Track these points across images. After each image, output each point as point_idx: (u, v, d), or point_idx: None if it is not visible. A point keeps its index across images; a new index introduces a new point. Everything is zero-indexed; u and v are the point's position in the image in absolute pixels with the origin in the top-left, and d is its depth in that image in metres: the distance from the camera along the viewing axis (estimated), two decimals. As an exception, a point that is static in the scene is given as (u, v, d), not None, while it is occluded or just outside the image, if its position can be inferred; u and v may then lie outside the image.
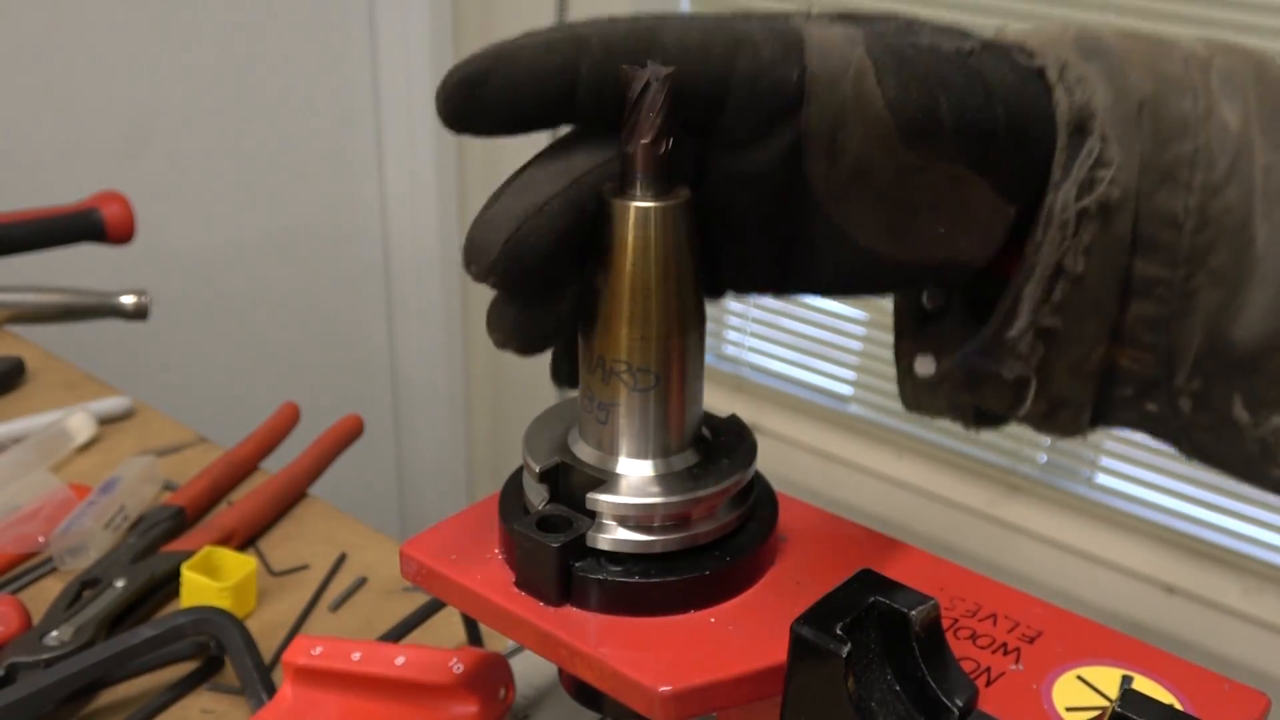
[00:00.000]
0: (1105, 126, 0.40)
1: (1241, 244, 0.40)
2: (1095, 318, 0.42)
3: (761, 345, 1.68)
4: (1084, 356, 0.42)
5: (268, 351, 1.71)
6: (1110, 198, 0.40)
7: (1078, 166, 0.40)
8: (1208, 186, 0.40)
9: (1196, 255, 0.40)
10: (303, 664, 0.48)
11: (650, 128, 0.35)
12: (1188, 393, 0.43)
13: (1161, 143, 0.40)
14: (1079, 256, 0.40)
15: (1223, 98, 0.41)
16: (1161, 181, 0.40)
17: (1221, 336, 0.41)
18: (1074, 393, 0.44)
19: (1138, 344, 0.42)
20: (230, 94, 1.55)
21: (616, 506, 0.37)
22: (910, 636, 0.31)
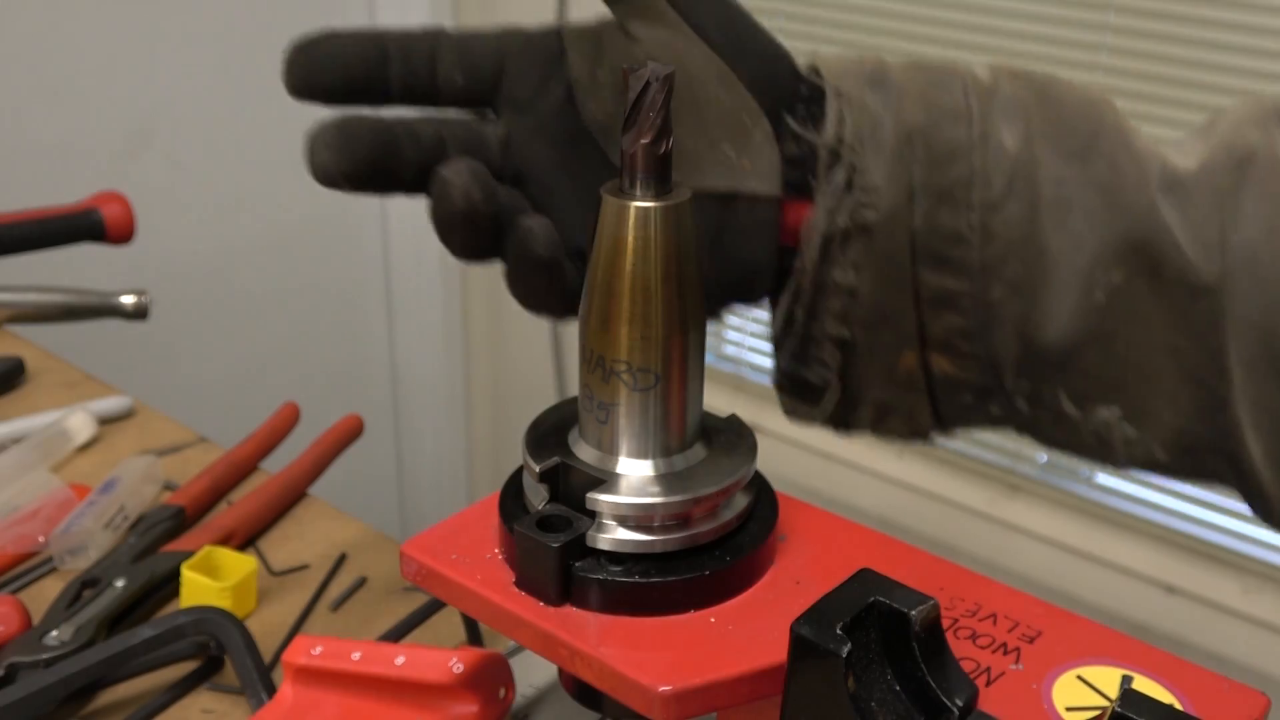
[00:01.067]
0: (861, 155, 0.44)
1: (1031, 254, 0.44)
2: (887, 328, 0.45)
3: (761, 345, 1.68)
4: (890, 364, 0.46)
5: (268, 351, 1.71)
6: (867, 219, 0.44)
7: (829, 192, 0.44)
8: (987, 204, 0.44)
9: (989, 268, 0.44)
10: (303, 664, 0.48)
11: (650, 128, 0.35)
12: (1020, 394, 0.46)
13: (935, 166, 0.44)
14: (848, 270, 0.44)
15: (1001, 122, 0.44)
16: (940, 202, 0.44)
17: (1032, 340, 0.45)
18: (895, 399, 0.47)
19: (956, 352, 0.46)
20: (230, 94, 1.55)
21: (616, 506, 0.37)
22: (910, 636, 0.31)
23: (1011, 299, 0.44)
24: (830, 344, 0.46)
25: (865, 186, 0.44)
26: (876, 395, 0.47)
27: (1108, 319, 0.44)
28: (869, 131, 0.44)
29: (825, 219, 0.44)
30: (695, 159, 0.44)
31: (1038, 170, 0.44)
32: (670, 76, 0.35)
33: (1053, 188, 0.44)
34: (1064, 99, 0.46)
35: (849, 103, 0.44)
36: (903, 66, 0.47)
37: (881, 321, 0.45)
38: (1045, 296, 0.44)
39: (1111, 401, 0.45)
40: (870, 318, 0.45)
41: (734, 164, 0.44)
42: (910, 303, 0.45)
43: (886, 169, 0.44)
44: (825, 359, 0.46)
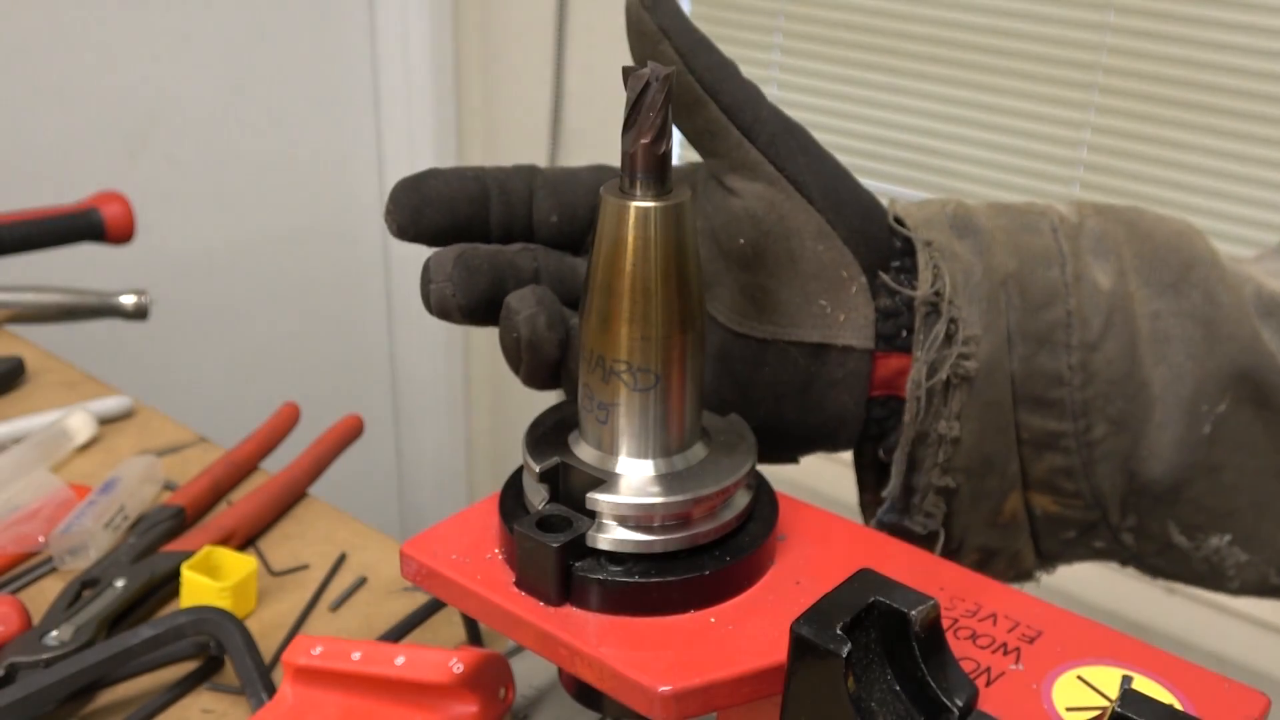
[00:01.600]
0: (958, 306, 0.44)
1: (1132, 390, 0.44)
2: (991, 474, 0.45)
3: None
4: (994, 510, 0.46)
5: (268, 351, 1.71)
6: (968, 370, 0.44)
7: (928, 346, 0.44)
8: (1085, 344, 0.44)
9: (1091, 407, 0.44)
10: (303, 664, 0.48)
11: (650, 128, 0.35)
12: (1125, 528, 0.46)
13: (1032, 311, 0.44)
14: (952, 422, 0.44)
15: (1093, 260, 0.44)
16: (1039, 345, 0.44)
17: (1138, 476, 0.44)
18: (999, 542, 0.47)
19: (1060, 492, 0.46)
20: (230, 94, 1.55)
21: (616, 506, 0.37)
22: (910, 636, 0.31)
23: (1115, 436, 0.44)
24: (934, 494, 0.46)
25: (965, 338, 0.43)
26: (980, 540, 0.47)
27: (1215, 450, 0.44)
28: (962, 281, 0.44)
29: (927, 372, 0.44)
30: (791, 312, 0.44)
31: (1133, 306, 0.44)
32: (670, 76, 0.35)
33: (1150, 322, 0.44)
34: (1153, 232, 0.45)
35: (941, 253, 0.44)
36: (987, 210, 0.47)
37: (985, 468, 0.45)
38: (1149, 432, 0.44)
39: (1222, 530, 0.45)
40: (973, 465, 0.45)
41: (829, 317, 0.44)
42: (1013, 446, 0.45)
43: (983, 317, 0.44)
44: (929, 509, 0.46)
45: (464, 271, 0.43)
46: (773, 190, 0.43)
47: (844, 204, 0.44)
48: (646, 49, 0.43)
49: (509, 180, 0.45)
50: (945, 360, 0.43)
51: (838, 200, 0.44)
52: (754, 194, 0.43)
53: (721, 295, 0.45)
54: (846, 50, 1.51)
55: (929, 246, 0.44)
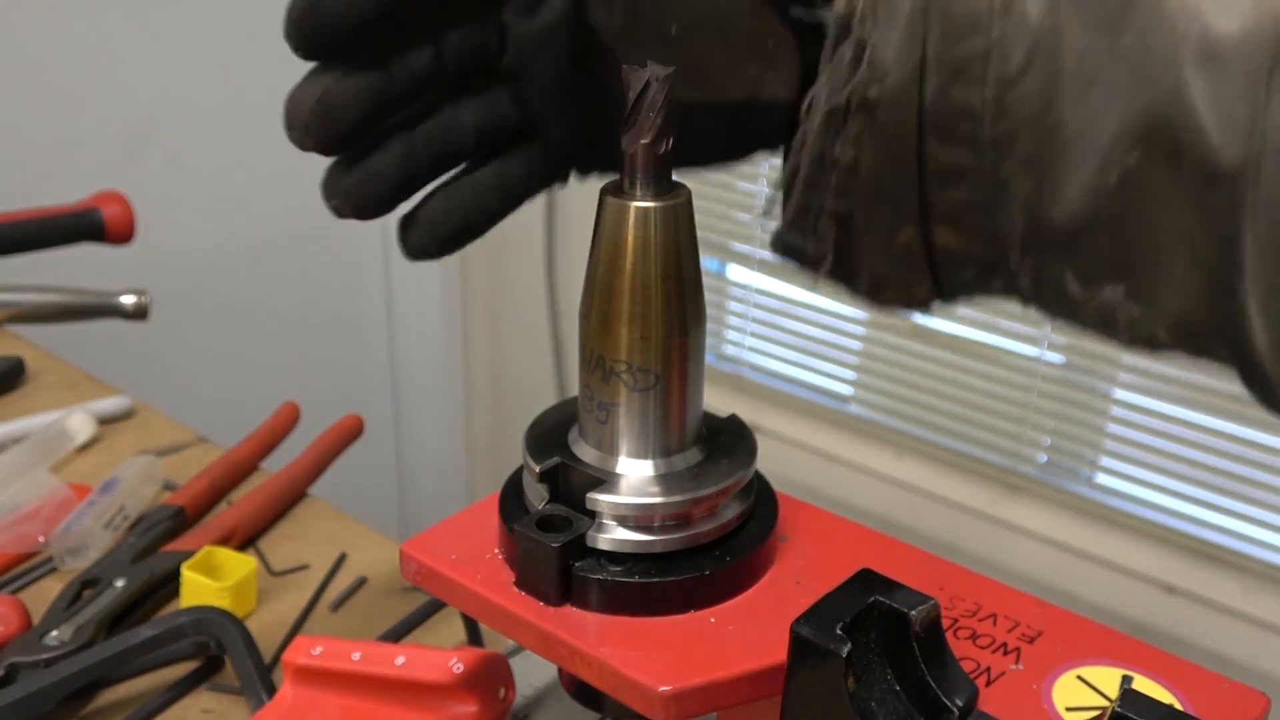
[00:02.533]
0: (871, 29, 0.42)
1: (1045, 130, 0.42)
2: (885, 203, 0.44)
3: (761, 345, 1.68)
4: (888, 238, 0.45)
5: (268, 351, 1.71)
6: (870, 96, 0.42)
7: (835, 69, 0.43)
8: (1002, 79, 0.42)
9: (1001, 143, 0.43)
10: (303, 664, 0.48)
11: (650, 128, 0.35)
12: (1024, 271, 0.45)
13: (951, 40, 0.42)
14: (847, 146, 0.43)
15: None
16: (955, 77, 0.42)
17: (1040, 218, 0.43)
18: (893, 271, 0.47)
19: (961, 226, 0.45)
20: (230, 94, 1.55)
21: (616, 506, 0.37)
22: (910, 636, 0.31)
23: (1022, 175, 0.43)
24: (827, 217, 0.45)
25: (872, 62, 0.42)
26: (873, 267, 0.46)
27: (1120, 200, 0.43)
28: (884, 4, 0.42)
29: (828, 95, 0.43)
30: (719, 80, 0.44)
31: (1061, 41, 0.42)
32: (670, 76, 0.35)
33: (1075, 61, 0.42)
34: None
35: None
36: None
37: (881, 196, 0.44)
38: (1057, 174, 0.42)
39: (1117, 281, 0.44)
40: (869, 192, 0.44)
41: (756, 80, 0.44)
42: (913, 177, 0.44)
43: (898, 43, 0.42)
44: (822, 231, 0.45)
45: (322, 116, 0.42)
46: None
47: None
48: None
49: None
50: (849, 85, 0.43)
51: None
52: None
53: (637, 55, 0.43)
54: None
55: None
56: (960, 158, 0.43)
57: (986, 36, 0.42)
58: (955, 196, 0.44)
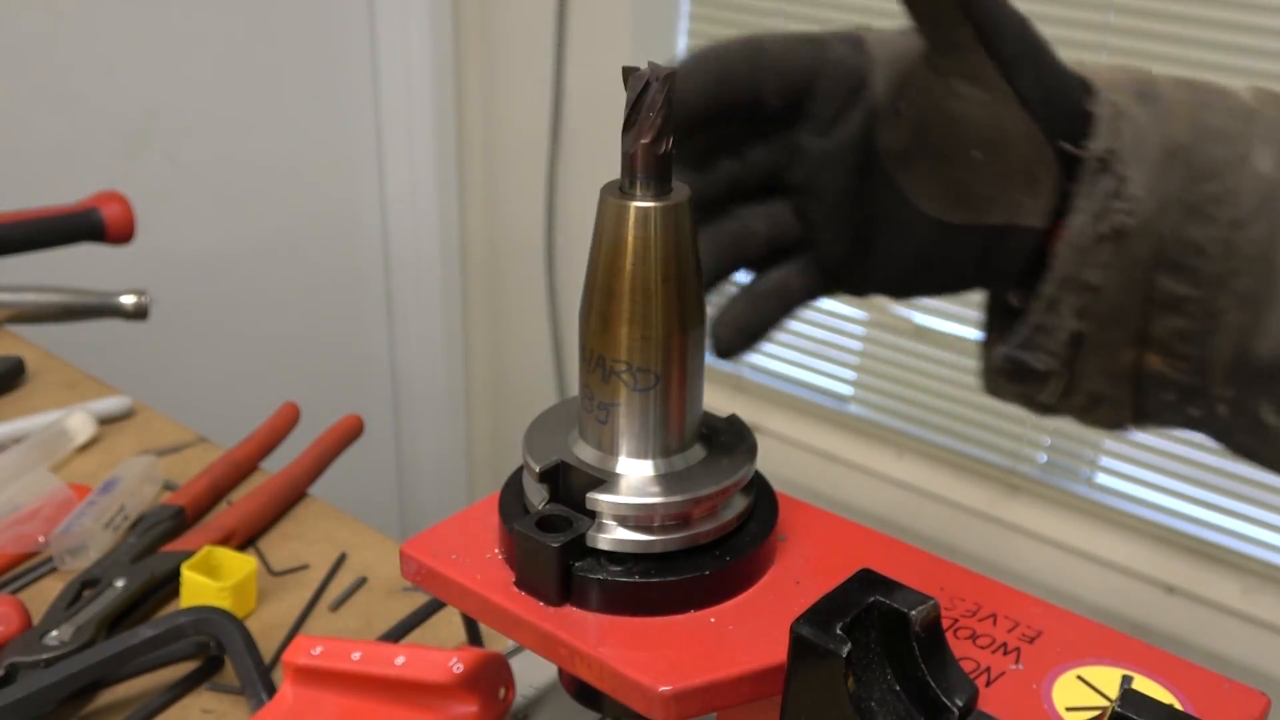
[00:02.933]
0: (1129, 167, 0.46)
1: (1264, 271, 0.46)
2: (1119, 325, 0.48)
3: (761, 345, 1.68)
4: (1112, 359, 0.49)
5: (268, 351, 1.71)
6: (1124, 225, 0.46)
7: (1093, 198, 0.46)
8: (1234, 221, 0.46)
9: (1222, 279, 0.46)
10: (303, 664, 0.48)
11: (650, 128, 0.35)
12: (1224, 399, 0.49)
13: (1193, 183, 0.46)
14: (1096, 270, 0.47)
15: (1260, 146, 0.47)
16: (1190, 215, 0.46)
17: (1248, 350, 0.47)
18: (1109, 390, 0.50)
19: (1172, 353, 0.48)
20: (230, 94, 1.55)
21: (616, 506, 0.37)
22: (910, 636, 0.31)
23: (1236, 310, 0.46)
24: (1064, 336, 0.48)
25: (1128, 196, 0.46)
26: (1092, 386, 0.50)
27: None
28: (1136, 144, 0.46)
29: (1088, 223, 0.46)
30: (988, 203, 0.47)
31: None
32: (670, 76, 0.35)
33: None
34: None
35: (1121, 117, 0.47)
36: (1171, 82, 0.49)
37: (1115, 319, 0.48)
38: (1270, 312, 0.46)
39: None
40: (1105, 314, 0.48)
41: (1018, 204, 0.47)
42: (1142, 304, 0.47)
43: (1149, 181, 0.46)
44: (1054, 349, 0.48)
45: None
46: (998, 101, 0.46)
47: (1057, 110, 0.47)
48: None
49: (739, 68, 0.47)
50: (1108, 214, 0.46)
51: (1053, 108, 0.46)
52: (978, 103, 0.46)
53: (922, 184, 0.48)
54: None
55: (1114, 107, 0.47)
56: (1184, 288, 0.47)
57: (1224, 182, 0.46)
58: (1172, 324, 0.48)
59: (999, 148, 0.46)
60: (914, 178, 0.48)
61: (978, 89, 0.46)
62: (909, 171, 0.48)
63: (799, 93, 0.48)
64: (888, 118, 0.48)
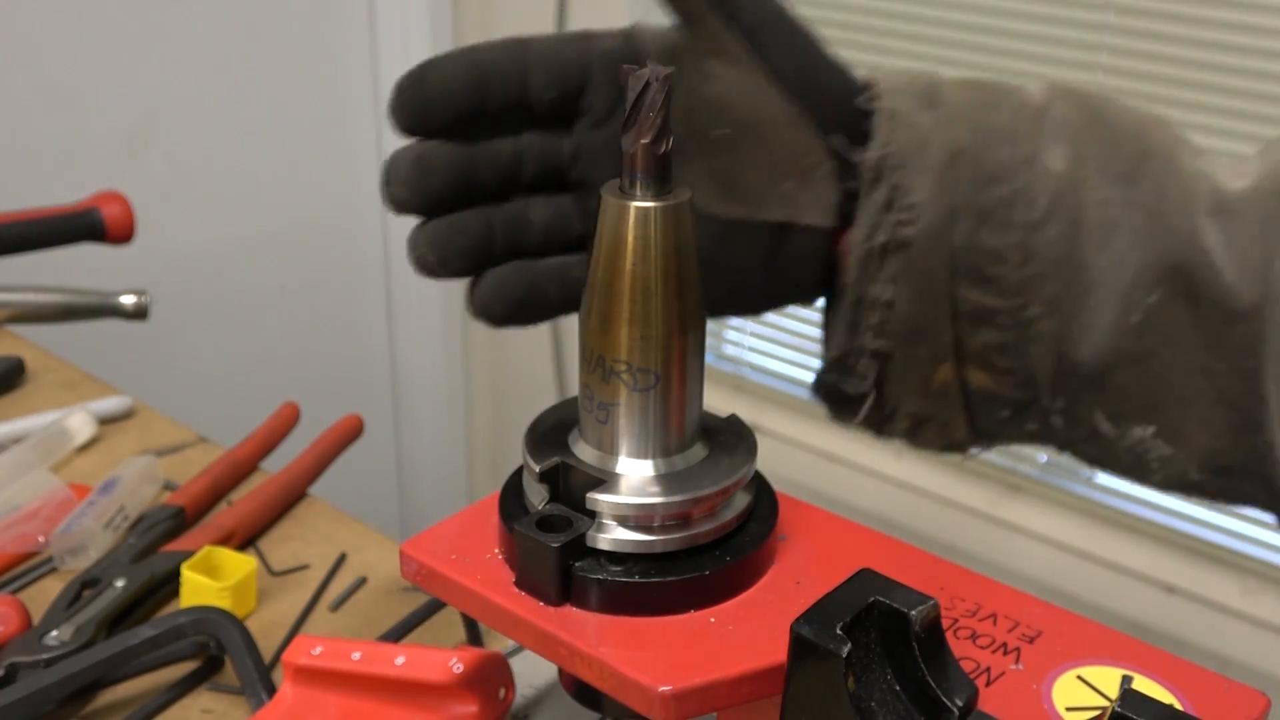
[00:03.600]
0: (904, 174, 0.44)
1: (1070, 274, 0.44)
2: (924, 342, 0.46)
3: (761, 345, 1.68)
4: (925, 377, 0.47)
5: (268, 351, 1.70)
6: (906, 236, 0.45)
7: (870, 208, 0.45)
8: (1028, 224, 0.44)
9: (1028, 286, 0.45)
10: (303, 664, 0.48)
11: (650, 128, 0.35)
12: (1055, 410, 0.47)
13: (980, 187, 0.45)
14: (886, 285, 0.45)
15: (1050, 144, 0.45)
16: (982, 221, 0.45)
17: (1068, 358, 0.45)
18: (930, 410, 0.48)
19: (993, 368, 0.46)
20: (230, 94, 1.55)
21: (616, 506, 0.37)
22: (910, 636, 0.31)
23: (1049, 317, 0.45)
24: (867, 357, 0.47)
25: (905, 205, 0.44)
26: (911, 407, 0.48)
27: (1144, 339, 0.45)
28: (915, 150, 0.45)
29: (865, 234, 0.45)
30: (757, 194, 0.46)
31: (1083, 192, 0.44)
32: (670, 76, 0.35)
33: (1097, 209, 0.44)
34: (1116, 121, 0.46)
35: (899, 122, 0.45)
36: (957, 85, 0.47)
37: (917, 335, 0.46)
38: (1083, 315, 0.45)
39: (1147, 421, 0.46)
40: (906, 331, 0.46)
41: (793, 198, 0.46)
42: (948, 318, 0.46)
43: (930, 188, 0.44)
44: (862, 371, 0.47)
45: (418, 173, 0.44)
46: (748, 78, 0.45)
47: (818, 89, 0.45)
48: None
49: (502, 62, 0.46)
50: (884, 225, 0.45)
51: (811, 89, 0.45)
52: (729, 80, 0.45)
53: (688, 174, 0.45)
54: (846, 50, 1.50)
55: (890, 116, 0.45)
56: (989, 299, 0.45)
57: (1012, 184, 0.44)
58: (985, 337, 0.46)
59: (758, 131, 0.45)
60: (685, 169, 0.45)
61: (729, 66, 0.45)
62: (681, 164, 0.46)
63: (571, 87, 0.46)
64: None
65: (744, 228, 0.46)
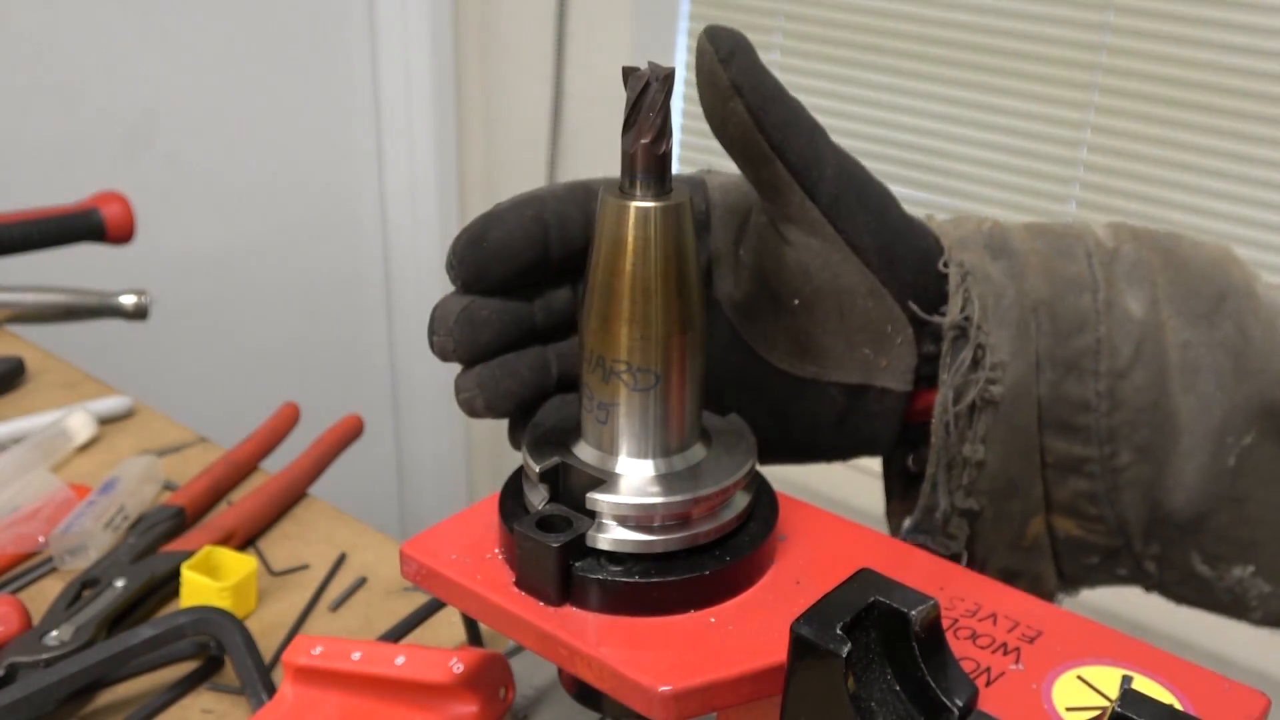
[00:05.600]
0: (987, 331, 0.44)
1: (1159, 420, 0.44)
2: (1016, 497, 0.45)
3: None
4: (1017, 532, 0.46)
5: (268, 351, 1.71)
6: (994, 394, 0.44)
7: (955, 369, 0.44)
8: (1114, 372, 0.44)
9: (1117, 434, 0.44)
10: (303, 664, 0.48)
11: (650, 128, 0.35)
12: (1149, 556, 0.46)
13: (1061, 338, 0.44)
14: (977, 445, 0.44)
15: (1126, 288, 0.44)
16: (1067, 371, 0.44)
17: (1161, 505, 0.44)
18: (1021, 564, 0.47)
19: (1084, 516, 0.46)
20: (230, 94, 1.55)
21: (616, 506, 0.37)
22: (910, 636, 0.31)
23: (1139, 464, 0.44)
24: (958, 516, 0.46)
25: (992, 363, 0.44)
26: (1002, 562, 0.47)
27: (1239, 482, 0.44)
28: (993, 305, 0.44)
29: (953, 396, 0.44)
30: (834, 357, 0.45)
31: (1164, 335, 0.44)
32: (670, 76, 0.35)
33: (1180, 352, 0.44)
34: (1189, 260, 0.45)
35: (973, 276, 0.44)
36: (1022, 232, 0.47)
37: (1009, 491, 0.45)
38: (1174, 461, 0.44)
39: (1246, 561, 0.45)
40: (997, 488, 0.45)
41: (871, 363, 0.45)
42: (1036, 470, 0.45)
43: (1012, 342, 0.44)
44: (953, 531, 0.46)
45: (467, 327, 0.41)
46: (829, 249, 0.44)
47: (898, 260, 0.44)
48: (718, 103, 0.42)
49: (565, 210, 0.43)
50: (971, 385, 0.44)
51: (892, 257, 0.44)
52: (810, 250, 0.44)
53: (765, 331, 0.45)
54: (846, 50, 1.50)
55: (961, 268, 0.45)
56: (1078, 449, 0.44)
57: (1094, 333, 0.44)
58: (1075, 486, 0.45)
59: (836, 299, 0.44)
60: (756, 327, 0.45)
61: (809, 235, 0.43)
62: (752, 321, 0.45)
63: None
64: (727, 264, 0.46)
65: (819, 386, 0.45)
